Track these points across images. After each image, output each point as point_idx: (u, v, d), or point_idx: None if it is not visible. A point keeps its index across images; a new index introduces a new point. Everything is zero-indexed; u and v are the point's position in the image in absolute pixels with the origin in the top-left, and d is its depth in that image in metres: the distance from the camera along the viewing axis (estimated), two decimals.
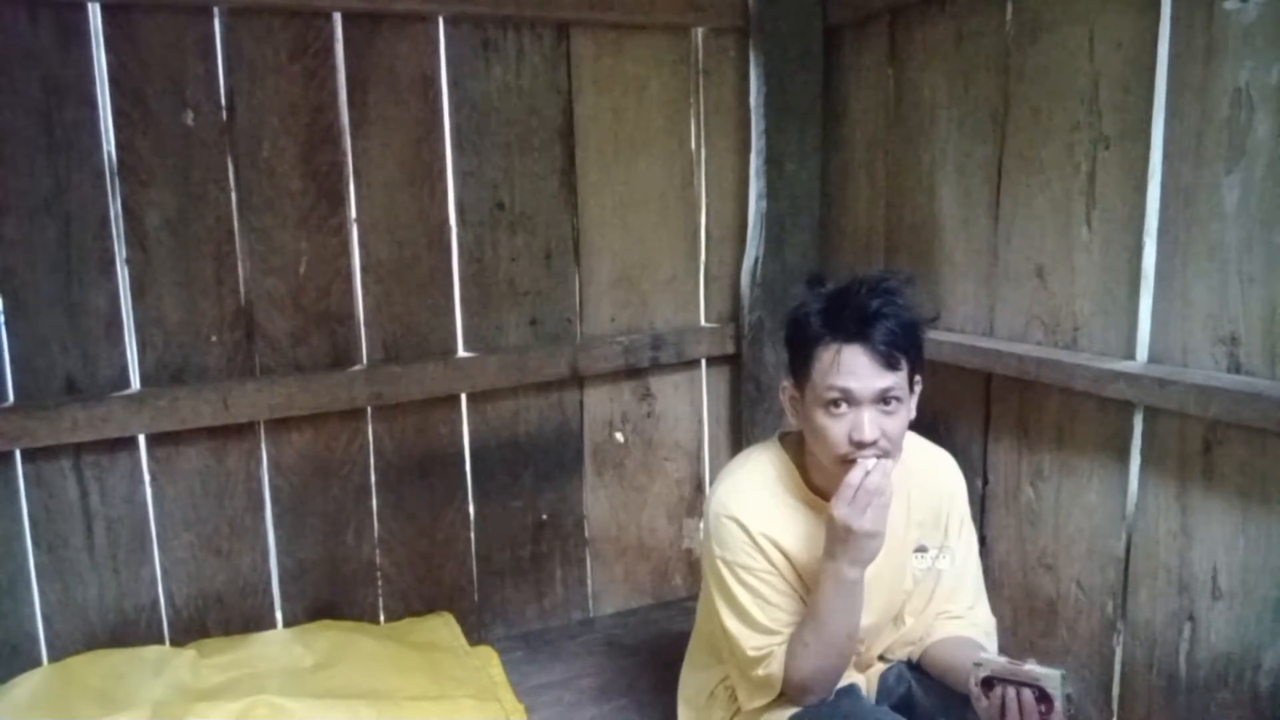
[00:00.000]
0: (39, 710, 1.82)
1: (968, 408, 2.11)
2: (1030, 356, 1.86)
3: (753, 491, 1.61)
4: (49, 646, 2.04)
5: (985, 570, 1.81)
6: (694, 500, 2.69)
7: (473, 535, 2.42)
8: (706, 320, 2.61)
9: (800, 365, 1.52)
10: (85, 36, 1.91)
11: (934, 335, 2.00)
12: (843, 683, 1.55)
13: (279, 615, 2.24)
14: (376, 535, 2.31)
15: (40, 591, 2.02)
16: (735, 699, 1.65)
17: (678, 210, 2.51)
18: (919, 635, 1.66)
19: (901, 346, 1.46)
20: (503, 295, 2.34)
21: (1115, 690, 1.84)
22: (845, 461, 1.46)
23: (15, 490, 1.98)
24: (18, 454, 1.96)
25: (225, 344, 2.10)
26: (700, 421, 2.66)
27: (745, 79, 2.51)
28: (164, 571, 2.12)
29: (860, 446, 1.44)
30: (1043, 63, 1.86)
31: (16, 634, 2.01)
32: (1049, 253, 1.88)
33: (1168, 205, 1.65)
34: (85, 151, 1.93)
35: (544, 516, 2.49)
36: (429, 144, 2.21)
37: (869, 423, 1.44)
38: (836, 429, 1.46)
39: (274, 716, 1.78)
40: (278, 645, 2.09)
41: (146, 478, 2.08)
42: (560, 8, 2.26)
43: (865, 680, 1.66)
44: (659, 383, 2.58)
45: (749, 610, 1.55)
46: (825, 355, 1.47)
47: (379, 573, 2.34)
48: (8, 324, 1.94)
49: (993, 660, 1.37)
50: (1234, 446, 1.56)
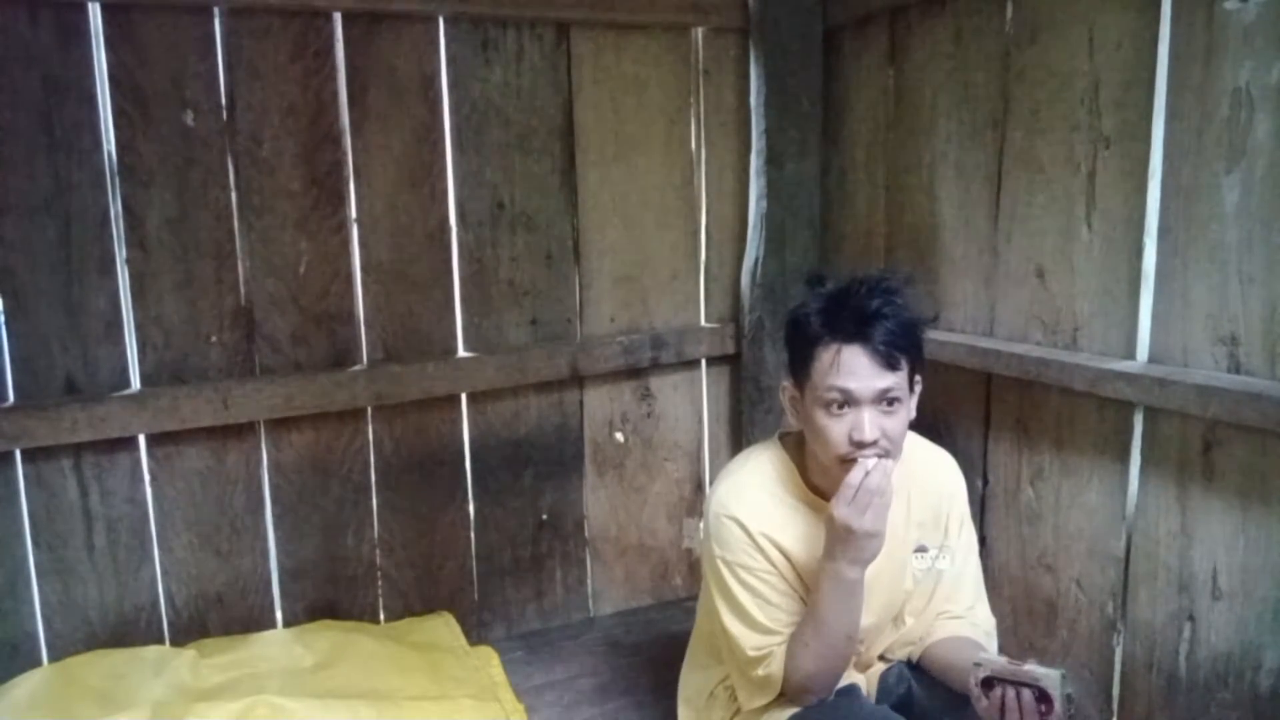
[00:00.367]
0: (39, 710, 1.82)
1: (968, 408, 2.11)
2: (1030, 356, 1.86)
3: (753, 491, 1.61)
4: (49, 646, 2.04)
5: (985, 570, 1.81)
6: (694, 500, 2.69)
7: (473, 535, 2.42)
8: (706, 320, 2.61)
9: (800, 365, 1.53)
10: (85, 36, 1.91)
11: (934, 335, 2.00)
12: (843, 683, 1.56)
13: (279, 615, 2.25)
14: (376, 535, 2.31)
15: (40, 591, 2.02)
16: (735, 699, 1.65)
17: (678, 210, 2.51)
18: (919, 635, 1.66)
19: (901, 346, 1.46)
20: (503, 295, 2.34)
21: (1115, 690, 1.84)
22: (845, 462, 1.46)
23: (15, 490, 1.98)
24: (18, 454, 1.96)
25: (225, 344, 2.10)
26: (700, 421, 2.66)
27: (745, 79, 2.51)
28: (164, 571, 2.12)
29: (860, 447, 1.44)
30: (1043, 63, 1.86)
31: (16, 634, 2.01)
32: (1049, 253, 1.88)
33: (1168, 205, 1.65)
34: (85, 151, 1.93)
35: (544, 516, 2.49)
36: (429, 144, 2.21)
37: (869, 423, 1.44)
38: (836, 429, 1.46)
39: (274, 716, 1.78)
40: (278, 645, 2.09)
41: (146, 478, 2.08)
42: (560, 8, 2.26)
43: (865, 680, 1.66)
44: (659, 383, 2.58)
45: (749, 610, 1.55)
46: (825, 355, 1.47)
47: (379, 573, 2.34)
48: (8, 324, 1.94)
49: (993, 660, 1.38)
50: (1234, 446, 1.56)
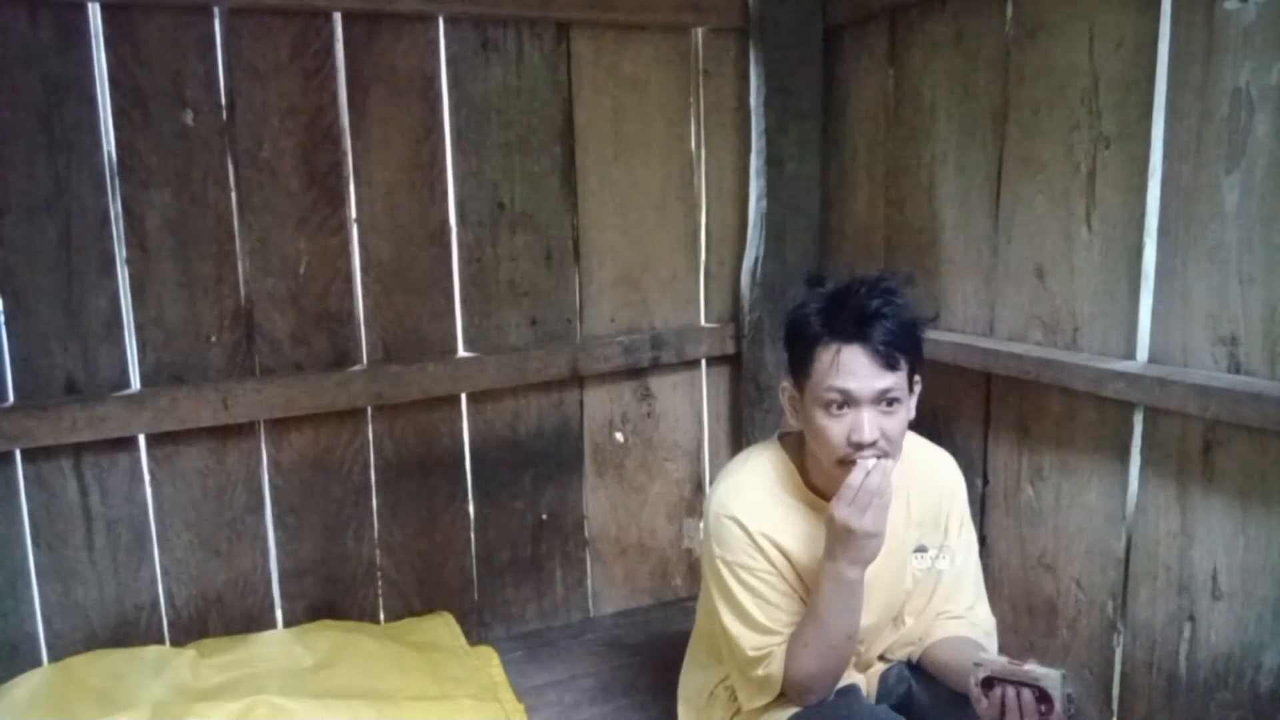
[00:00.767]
0: (39, 710, 1.82)
1: (968, 408, 2.11)
2: (1030, 356, 1.86)
3: (753, 492, 1.61)
4: (49, 646, 2.04)
5: (985, 570, 1.80)
6: (694, 500, 2.69)
7: (473, 535, 2.42)
8: (706, 320, 2.61)
9: (800, 365, 1.52)
10: (85, 36, 1.91)
11: (934, 335, 2.00)
12: (843, 683, 1.55)
13: (279, 615, 2.25)
14: (376, 535, 2.31)
15: (40, 591, 2.02)
16: (735, 699, 1.65)
17: (678, 210, 2.51)
18: (919, 635, 1.66)
19: (901, 346, 1.46)
20: (503, 295, 2.34)
21: (1115, 690, 1.84)
22: (845, 462, 1.46)
23: (15, 490, 1.98)
24: (18, 454, 1.96)
25: (225, 344, 2.10)
26: (700, 421, 2.66)
27: (745, 79, 2.50)
28: (164, 571, 2.12)
29: (860, 447, 1.44)
30: (1042, 62, 1.86)
31: (16, 634, 2.01)
32: (1049, 253, 1.88)
33: (1168, 205, 1.65)
34: (85, 151, 1.93)
35: (544, 516, 2.49)
36: (429, 144, 2.21)
37: (868, 423, 1.44)
38: (836, 429, 1.46)
39: (274, 716, 1.78)
40: (278, 645, 2.09)
41: (146, 478, 2.08)
42: (560, 8, 2.26)
43: (865, 680, 1.66)
44: (659, 383, 2.58)
45: (749, 610, 1.55)
46: (825, 356, 1.47)
47: (379, 573, 2.34)
48: (8, 324, 1.94)
49: (993, 660, 1.37)
50: (1234, 446, 1.56)
